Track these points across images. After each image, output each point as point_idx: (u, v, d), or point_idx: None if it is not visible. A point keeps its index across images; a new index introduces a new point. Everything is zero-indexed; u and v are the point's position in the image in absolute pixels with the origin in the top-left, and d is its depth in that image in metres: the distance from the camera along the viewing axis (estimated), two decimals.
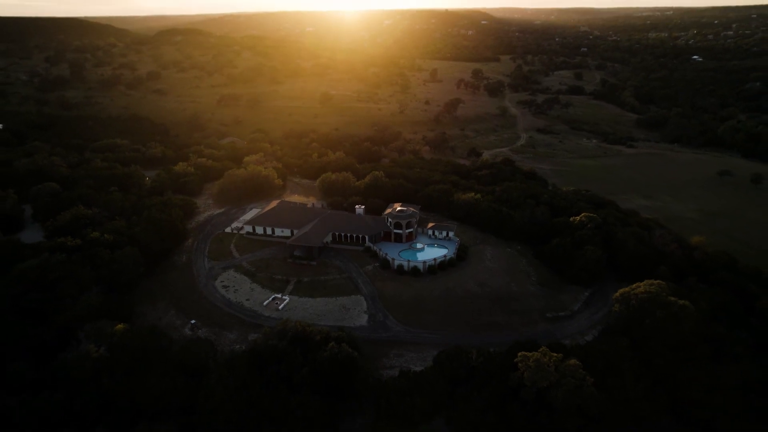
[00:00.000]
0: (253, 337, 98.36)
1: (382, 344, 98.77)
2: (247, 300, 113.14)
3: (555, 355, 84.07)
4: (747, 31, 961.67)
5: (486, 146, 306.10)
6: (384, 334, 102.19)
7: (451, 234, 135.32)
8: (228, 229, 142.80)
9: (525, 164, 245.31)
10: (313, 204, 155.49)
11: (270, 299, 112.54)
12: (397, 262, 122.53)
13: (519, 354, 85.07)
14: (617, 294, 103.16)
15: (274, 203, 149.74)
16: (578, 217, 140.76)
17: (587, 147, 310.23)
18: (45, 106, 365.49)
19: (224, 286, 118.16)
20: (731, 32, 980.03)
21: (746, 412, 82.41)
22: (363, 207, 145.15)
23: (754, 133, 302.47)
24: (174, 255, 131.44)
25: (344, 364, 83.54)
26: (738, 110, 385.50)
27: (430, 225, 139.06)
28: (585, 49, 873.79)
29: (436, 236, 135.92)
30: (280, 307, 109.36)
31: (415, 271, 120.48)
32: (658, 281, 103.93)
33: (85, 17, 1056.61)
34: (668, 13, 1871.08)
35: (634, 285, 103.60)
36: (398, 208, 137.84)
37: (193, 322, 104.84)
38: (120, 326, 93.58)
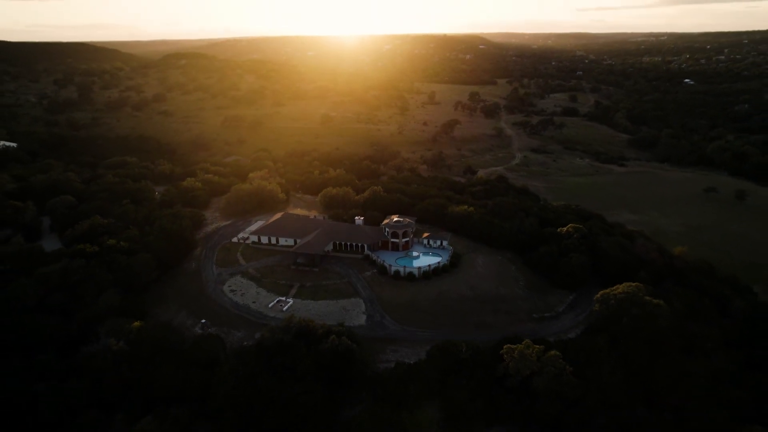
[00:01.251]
0: (259, 335, 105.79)
1: (380, 341, 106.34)
2: (254, 302, 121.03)
3: (537, 347, 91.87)
4: (738, 56, 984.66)
5: (481, 165, 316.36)
6: (381, 332, 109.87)
7: (444, 243, 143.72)
8: (234, 239, 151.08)
9: (518, 182, 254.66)
10: (315, 216, 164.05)
11: (275, 302, 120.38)
12: (393, 269, 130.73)
13: (504, 346, 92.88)
14: (598, 295, 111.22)
15: (278, 215, 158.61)
16: (565, 228, 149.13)
17: (580, 166, 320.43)
18: (54, 126, 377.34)
19: (232, 291, 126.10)
20: (723, 57, 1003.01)
21: (714, 399, 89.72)
22: (362, 218, 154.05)
23: (740, 152, 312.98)
24: (184, 262, 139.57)
25: (344, 355, 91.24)
26: (727, 131, 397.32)
27: (425, 235, 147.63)
28: (580, 72, 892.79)
29: (430, 245, 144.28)
30: (285, 309, 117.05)
31: (410, 277, 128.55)
32: (636, 284, 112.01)
33: (92, 42, 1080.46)
34: (662, 38, 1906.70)
35: (614, 287, 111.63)
36: (395, 219, 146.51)
37: (203, 321, 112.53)
38: (137, 323, 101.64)
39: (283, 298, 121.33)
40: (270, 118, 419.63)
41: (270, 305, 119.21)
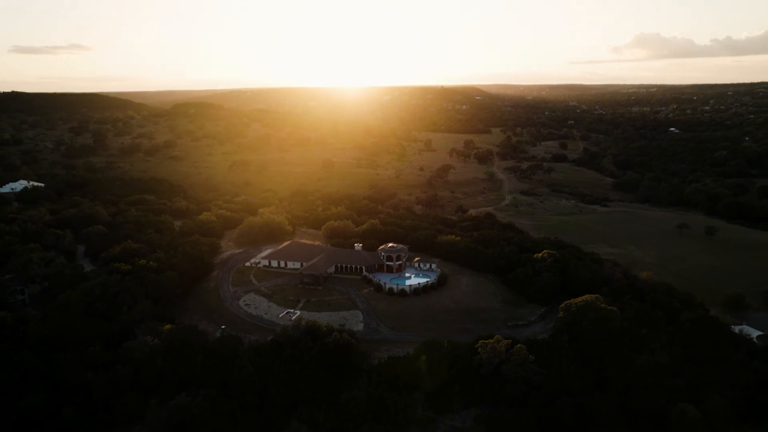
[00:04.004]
0: (272, 337, 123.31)
1: (375, 342, 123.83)
2: (266, 314, 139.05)
3: (506, 341, 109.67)
4: (722, 107, 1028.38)
5: (473, 206, 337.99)
6: (376, 335, 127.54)
7: (433, 266, 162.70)
8: (248, 264, 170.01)
9: (506, 219, 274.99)
10: (319, 244, 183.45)
11: (284, 313, 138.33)
12: (388, 286, 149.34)
13: (479, 341, 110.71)
14: (562, 305, 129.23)
15: (286, 243, 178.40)
16: (540, 254, 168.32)
17: (565, 206, 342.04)
18: (72, 170, 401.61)
19: (246, 304, 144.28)
20: (708, 107, 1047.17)
21: (655, 385, 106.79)
22: (361, 245, 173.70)
23: (714, 193, 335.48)
24: (203, 282, 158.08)
25: (344, 348, 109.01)
26: (705, 175, 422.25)
27: (416, 259, 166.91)
28: (572, 121, 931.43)
29: (420, 268, 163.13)
30: (293, 319, 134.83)
31: (402, 293, 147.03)
32: (595, 295, 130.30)
33: (104, 93, 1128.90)
34: (652, 90, 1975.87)
35: (577, 298, 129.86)
36: (390, 245, 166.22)
37: (223, 327, 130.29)
38: (168, 326, 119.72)
39: (292, 310, 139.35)
40: (275, 162, 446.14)
41: (280, 316, 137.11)
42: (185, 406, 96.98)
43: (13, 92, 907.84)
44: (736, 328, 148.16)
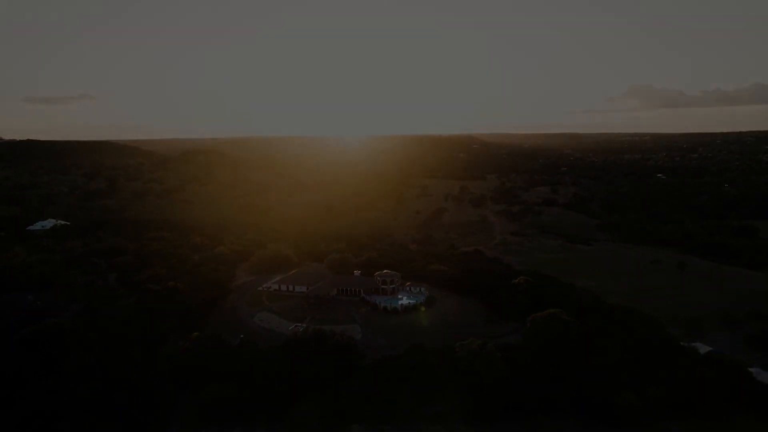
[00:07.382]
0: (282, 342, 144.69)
1: (371, 348, 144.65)
2: (277, 327, 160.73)
3: (479, 342, 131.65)
4: (710, 154, 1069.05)
5: (465, 245, 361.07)
6: (372, 344, 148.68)
7: (422, 289, 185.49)
8: (259, 288, 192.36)
9: (493, 255, 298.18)
10: (322, 272, 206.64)
11: (293, 326, 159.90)
12: (382, 306, 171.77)
13: (457, 343, 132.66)
14: (530, 317, 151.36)
15: (294, 271, 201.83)
16: (517, 279, 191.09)
17: (552, 245, 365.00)
18: (89, 211, 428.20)
19: (260, 320, 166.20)
20: (696, 155, 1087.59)
21: (605, 380, 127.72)
22: (360, 271, 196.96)
23: (691, 233, 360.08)
24: (221, 304, 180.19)
25: (345, 346, 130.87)
26: (685, 217, 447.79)
27: (408, 284, 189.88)
28: (565, 168, 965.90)
29: (411, 291, 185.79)
30: (301, 329, 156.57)
31: (395, 311, 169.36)
32: (559, 310, 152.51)
33: (115, 140, 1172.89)
34: (645, 138, 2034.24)
35: (543, 312, 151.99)
36: (385, 271, 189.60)
37: (241, 336, 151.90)
38: (195, 334, 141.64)
39: (299, 324, 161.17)
40: (279, 205, 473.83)
41: (290, 328, 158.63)
42: (215, 392, 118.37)
43: (28, 140, 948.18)
44: (688, 343, 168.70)
